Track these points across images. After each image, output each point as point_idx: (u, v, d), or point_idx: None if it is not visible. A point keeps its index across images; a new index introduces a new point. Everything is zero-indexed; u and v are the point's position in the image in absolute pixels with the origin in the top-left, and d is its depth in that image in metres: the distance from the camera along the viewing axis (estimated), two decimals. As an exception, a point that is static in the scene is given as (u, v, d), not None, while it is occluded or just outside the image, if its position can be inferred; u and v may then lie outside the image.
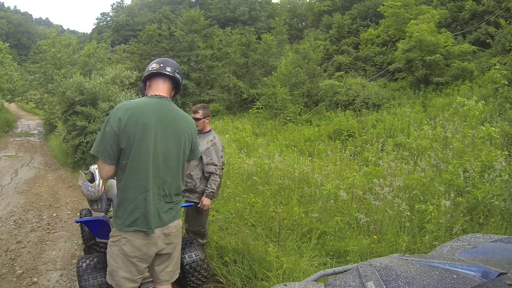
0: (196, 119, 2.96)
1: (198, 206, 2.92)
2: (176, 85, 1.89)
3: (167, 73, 1.80)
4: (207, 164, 2.90)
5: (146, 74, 1.84)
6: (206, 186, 2.93)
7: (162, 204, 1.74)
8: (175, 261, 1.92)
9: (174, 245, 1.85)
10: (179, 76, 1.86)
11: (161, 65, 1.81)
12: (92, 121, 7.98)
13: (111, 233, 1.77)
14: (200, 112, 2.97)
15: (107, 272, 1.79)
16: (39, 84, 15.37)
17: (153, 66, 1.82)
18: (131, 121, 1.62)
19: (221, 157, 2.96)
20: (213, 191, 2.89)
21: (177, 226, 1.84)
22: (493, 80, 10.49)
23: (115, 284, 1.73)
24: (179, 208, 1.88)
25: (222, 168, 2.99)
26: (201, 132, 3.02)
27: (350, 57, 22.28)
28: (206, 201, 2.89)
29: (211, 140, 2.95)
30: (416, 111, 11.30)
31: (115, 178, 1.78)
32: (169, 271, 1.89)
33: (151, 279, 2.15)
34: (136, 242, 1.69)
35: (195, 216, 3.03)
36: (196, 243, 2.71)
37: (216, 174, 2.90)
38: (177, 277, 1.96)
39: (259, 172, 5.26)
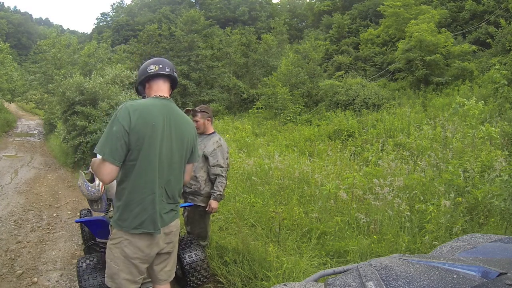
0: (195, 121, 2.95)
1: (206, 209, 2.89)
2: (173, 84, 1.93)
3: (167, 73, 1.84)
4: (213, 166, 2.87)
5: (145, 76, 1.85)
6: (211, 188, 2.89)
7: (164, 205, 1.75)
8: (174, 260, 1.95)
9: (174, 243, 1.88)
10: (176, 74, 1.91)
11: (160, 65, 1.84)
12: (92, 121, 7.97)
13: (111, 235, 1.74)
14: (199, 114, 2.96)
15: (105, 275, 1.76)
16: (39, 84, 15.39)
17: (151, 67, 1.84)
18: (140, 121, 1.62)
19: (227, 158, 2.94)
20: (220, 193, 2.86)
21: (176, 225, 1.87)
22: (493, 80, 10.47)
23: (116, 286, 1.72)
24: (178, 208, 1.91)
25: (227, 170, 2.96)
26: (205, 133, 3.00)
27: (350, 57, 22.28)
28: (214, 204, 2.86)
29: (217, 142, 2.93)
30: (416, 111, 11.29)
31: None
32: (168, 270, 1.91)
33: (149, 280, 2.16)
34: (139, 243, 1.68)
35: (198, 219, 3.01)
36: (196, 243, 2.71)
37: (222, 176, 2.87)
38: (173, 276, 1.97)
39: (259, 172, 5.25)
